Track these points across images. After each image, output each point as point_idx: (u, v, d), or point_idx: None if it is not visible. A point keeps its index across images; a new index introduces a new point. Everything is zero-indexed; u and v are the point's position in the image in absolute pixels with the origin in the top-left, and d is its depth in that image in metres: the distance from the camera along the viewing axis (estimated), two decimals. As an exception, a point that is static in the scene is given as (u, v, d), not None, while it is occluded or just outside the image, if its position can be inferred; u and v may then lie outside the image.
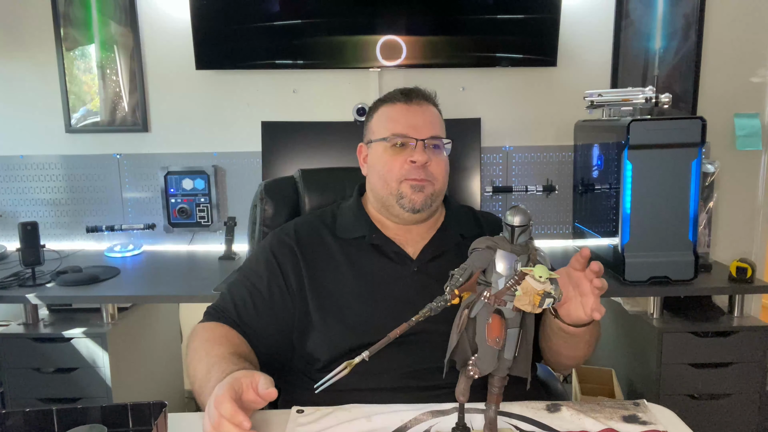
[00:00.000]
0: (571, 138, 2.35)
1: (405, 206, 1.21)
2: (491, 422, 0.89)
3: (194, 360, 1.09)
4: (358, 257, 1.22)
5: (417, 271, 1.21)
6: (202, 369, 1.04)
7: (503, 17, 2.30)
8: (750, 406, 1.92)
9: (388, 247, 1.23)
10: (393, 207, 1.23)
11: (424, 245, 1.24)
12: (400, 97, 1.25)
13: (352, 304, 1.17)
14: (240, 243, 2.30)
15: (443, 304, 0.83)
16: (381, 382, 1.10)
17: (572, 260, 0.95)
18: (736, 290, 1.93)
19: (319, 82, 2.39)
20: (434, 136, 1.22)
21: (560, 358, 1.15)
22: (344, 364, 0.83)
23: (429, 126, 1.22)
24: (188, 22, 2.25)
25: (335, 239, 1.25)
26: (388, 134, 1.22)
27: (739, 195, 2.42)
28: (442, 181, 1.23)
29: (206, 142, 2.43)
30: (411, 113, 1.23)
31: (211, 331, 1.15)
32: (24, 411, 0.85)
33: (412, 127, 1.21)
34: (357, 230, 1.25)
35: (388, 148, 1.22)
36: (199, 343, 1.12)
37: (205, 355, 1.07)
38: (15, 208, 2.47)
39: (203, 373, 1.02)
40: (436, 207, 1.26)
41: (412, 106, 1.24)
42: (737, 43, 2.35)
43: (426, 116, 1.24)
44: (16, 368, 1.89)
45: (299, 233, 1.27)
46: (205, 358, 1.06)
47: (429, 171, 1.21)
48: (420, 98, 1.25)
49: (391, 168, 1.21)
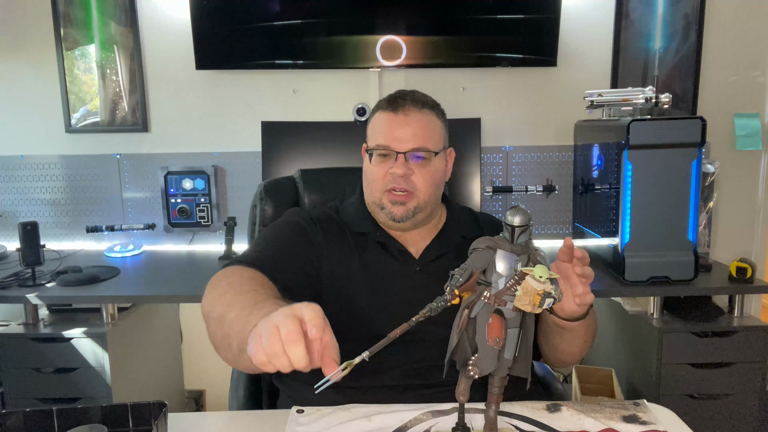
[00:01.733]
0: (571, 138, 2.35)
1: (387, 215, 1.22)
2: (491, 422, 0.89)
3: (230, 292, 0.95)
4: (366, 251, 1.23)
5: (419, 271, 1.21)
6: (240, 301, 0.91)
7: (503, 17, 2.30)
8: (750, 406, 1.92)
9: (392, 245, 1.24)
10: (378, 214, 1.24)
11: (427, 245, 1.25)
12: (387, 105, 1.23)
13: (360, 296, 1.17)
14: (240, 243, 2.30)
15: (443, 304, 0.83)
16: (381, 381, 1.10)
17: (558, 252, 0.94)
18: (736, 290, 1.93)
19: (319, 82, 2.39)
20: (418, 148, 1.19)
21: (557, 354, 1.16)
22: (344, 364, 0.83)
23: (412, 138, 1.19)
24: (188, 22, 2.25)
25: (347, 230, 1.26)
26: (372, 144, 1.23)
27: (739, 195, 2.42)
28: (427, 192, 1.21)
29: (206, 142, 2.43)
30: (395, 124, 1.21)
31: (240, 274, 1.03)
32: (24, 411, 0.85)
33: (394, 139, 1.20)
34: (361, 226, 1.26)
35: (374, 157, 1.23)
36: (228, 285, 0.98)
37: (248, 289, 0.95)
38: (15, 208, 2.47)
39: (245, 302, 0.90)
40: (424, 216, 1.25)
41: (398, 115, 1.21)
42: (737, 43, 2.35)
43: (411, 127, 1.20)
44: (16, 368, 1.89)
45: (320, 217, 1.27)
46: (251, 292, 0.94)
47: (411, 182, 1.20)
48: (409, 106, 1.21)
49: (375, 178, 1.22)
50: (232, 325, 0.88)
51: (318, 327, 0.73)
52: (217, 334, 0.93)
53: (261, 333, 0.73)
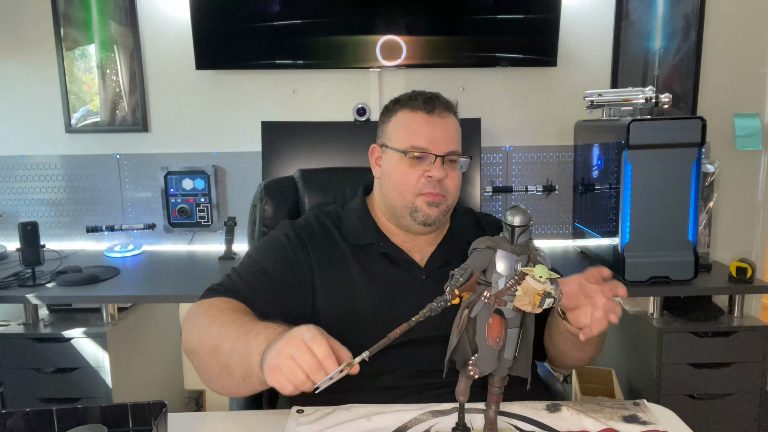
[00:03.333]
0: (571, 138, 2.35)
1: (417, 219, 1.18)
2: (491, 422, 0.89)
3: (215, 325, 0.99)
4: (369, 264, 1.19)
5: (426, 279, 1.19)
6: (235, 330, 0.95)
7: (503, 17, 2.30)
8: (750, 406, 1.92)
9: (397, 256, 1.21)
10: (404, 218, 1.20)
11: (432, 252, 1.23)
12: (422, 105, 1.19)
13: (366, 313, 1.14)
14: (240, 243, 2.30)
15: (443, 304, 0.83)
16: (381, 383, 1.10)
17: (588, 272, 0.93)
18: (736, 290, 1.93)
19: (319, 82, 2.39)
20: (453, 152, 1.19)
21: (566, 359, 1.15)
22: (344, 364, 0.83)
23: (448, 140, 1.18)
24: (188, 22, 2.25)
25: (345, 242, 1.22)
26: (406, 145, 1.17)
27: (739, 195, 2.42)
28: (454, 195, 1.21)
29: (206, 142, 2.43)
30: (432, 125, 1.18)
31: (227, 303, 1.06)
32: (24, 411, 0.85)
33: (431, 141, 1.17)
34: (365, 237, 1.22)
35: (404, 159, 1.18)
36: (218, 311, 1.02)
37: (237, 319, 0.98)
38: (15, 208, 2.47)
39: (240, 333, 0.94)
40: (446, 220, 1.25)
41: (433, 117, 1.18)
42: (737, 43, 2.35)
43: (446, 130, 1.19)
44: (16, 368, 1.89)
45: (311, 230, 1.23)
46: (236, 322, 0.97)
47: (444, 186, 1.18)
48: (442, 108, 1.20)
49: (407, 180, 1.18)
50: (231, 355, 0.93)
51: (321, 345, 0.82)
52: (211, 365, 0.98)
53: (281, 368, 0.83)
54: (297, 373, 0.82)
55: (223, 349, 0.95)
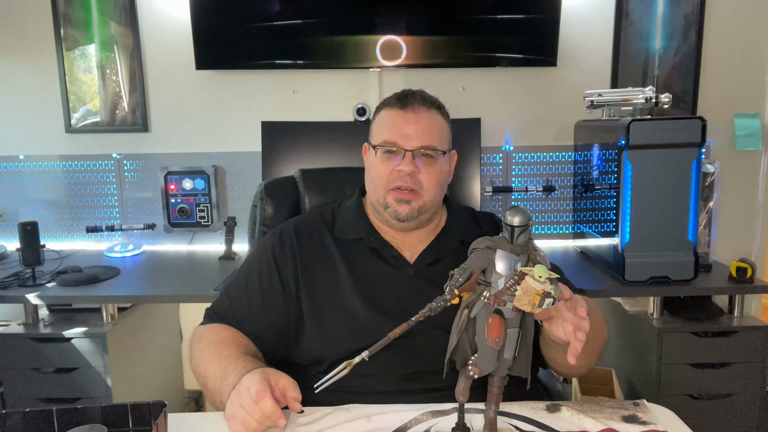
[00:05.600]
0: (571, 138, 2.35)
1: (391, 214, 1.20)
2: (491, 422, 0.89)
3: (204, 361, 1.10)
4: (356, 259, 1.21)
5: (413, 276, 1.19)
6: (215, 369, 1.05)
7: (503, 17, 2.30)
8: (750, 406, 1.92)
9: (386, 251, 1.22)
10: (383, 214, 1.23)
11: (423, 250, 1.23)
12: (396, 102, 1.22)
13: (347, 306, 1.16)
14: (240, 243, 2.30)
15: (443, 304, 0.84)
16: (380, 384, 1.10)
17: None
18: (736, 290, 1.93)
19: (319, 82, 2.39)
20: (426, 146, 1.19)
21: (562, 368, 1.14)
22: (344, 364, 0.83)
23: (421, 135, 1.19)
24: (188, 22, 2.25)
25: (334, 239, 1.24)
26: (379, 141, 1.21)
27: (739, 195, 2.42)
28: (432, 192, 1.20)
29: (206, 142, 2.43)
30: (404, 121, 1.20)
31: (216, 333, 1.16)
32: (24, 411, 0.85)
33: (402, 136, 1.19)
34: (356, 232, 1.25)
35: (380, 154, 1.21)
36: (207, 344, 1.13)
37: (217, 356, 1.08)
38: (15, 208, 2.47)
39: (218, 372, 1.04)
40: (427, 217, 1.24)
41: (406, 112, 1.20)
42: (737, 43, 2.35)
43: (420, 125, 1.19)
44: (16, 368, 1.89)
45: (299, 232, 1.26)
46: (216, 359, 1.07)
47: (418, 180, 1.18)
48: (418, 104, 1.21)
49: (380, 175, 1.21)
50: (213, 393, 1.06)
51: (264, 402, 0.90)
52: (203, 386, 1.11)
53: (235, 416, 0.92)
54: (249, 421, 0.90)
55: (208, 386, 1.07)
